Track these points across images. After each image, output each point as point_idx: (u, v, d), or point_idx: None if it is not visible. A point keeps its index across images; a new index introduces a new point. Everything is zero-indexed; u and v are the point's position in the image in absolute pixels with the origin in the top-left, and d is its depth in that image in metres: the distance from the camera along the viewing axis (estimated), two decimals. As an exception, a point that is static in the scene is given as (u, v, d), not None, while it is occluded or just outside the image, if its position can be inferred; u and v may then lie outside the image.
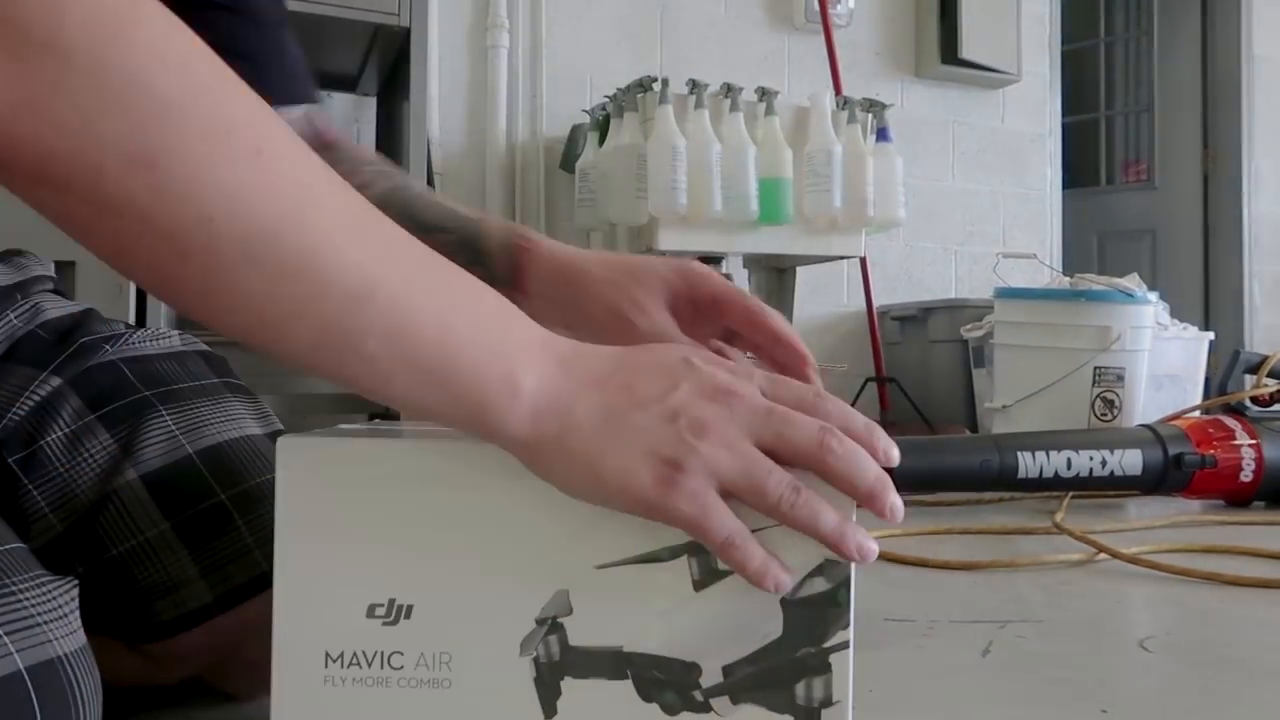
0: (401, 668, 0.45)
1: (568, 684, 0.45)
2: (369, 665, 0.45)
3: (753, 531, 0.44)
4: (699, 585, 0.45)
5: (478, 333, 0.43)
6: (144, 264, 0.39)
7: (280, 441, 0.46)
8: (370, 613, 0.45)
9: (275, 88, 0.69)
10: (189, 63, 0.39)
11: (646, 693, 0.46)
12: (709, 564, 0.45)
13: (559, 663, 0.45)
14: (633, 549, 0.45)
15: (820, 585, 0.45)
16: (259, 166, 0.39)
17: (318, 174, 0.42)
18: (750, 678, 0.46)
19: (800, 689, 0.46)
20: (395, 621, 0.45)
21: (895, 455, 0.46)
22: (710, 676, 0.46)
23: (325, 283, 0.40)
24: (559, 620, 0.45)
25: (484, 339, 0.43)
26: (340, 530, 0.45)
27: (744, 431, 0.43)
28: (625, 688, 0.46)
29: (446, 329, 0.42)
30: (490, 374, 0.42)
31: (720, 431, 0.43)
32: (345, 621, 0.45)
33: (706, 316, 0.62)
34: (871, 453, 0.45)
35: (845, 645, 0.46)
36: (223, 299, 0.40)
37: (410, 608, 0.45)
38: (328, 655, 0.45)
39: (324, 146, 0.73)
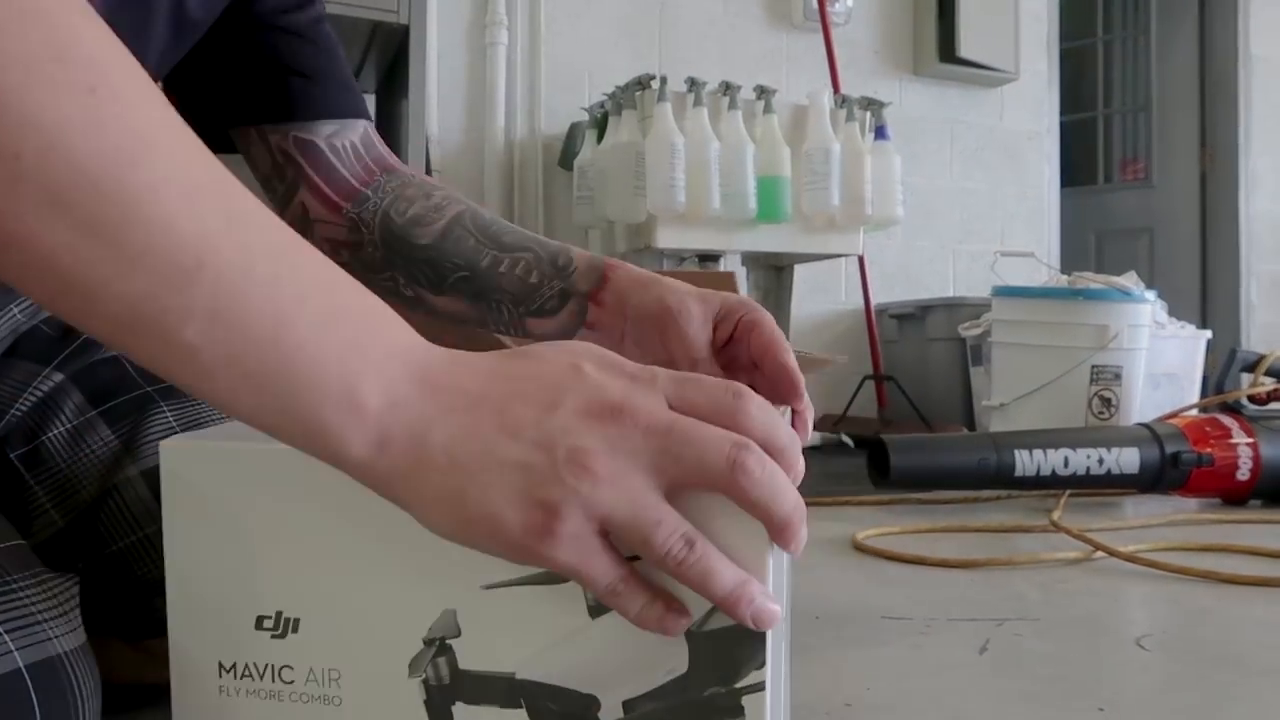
0: (292, 682, 0.44)
1: (459, 709, 0.42)
2: (260, 678, 0.44)
3: None
4: (594, 611, 0.41)
5: (323, 334, 0.36)
6: None
7: (163, 445, 0.44)
8: (259, 624, 0.43)
9: (337, 101, 0.71)
10: None
11: None
12: None
13: (449, 686, 0.42)
14: (522, 569, 0.41)
15: (730, 618, 0.40)
16: (87, 104, 0.33)
17: (162, 127, 0.35)
18: (653, 715, 0.41)
19: None
20: (283, 635, 0.43)
21: (800, 470, 0.41)
22: (610, 712, 0.42)
23: (143, 246, 0.34)
24: (447, 642, 0.42)
25: (328, 342, 0.36)
26: (226, 538, 0.43)
27: (634, 461, 0.37)
28: (520, 717, 0.42)
29: (284, 325, 0.36)
30: (328, 385, 0.36)
31: (604, 464, 0.37)
32: (235, 632, 0.44)
33: (738, 341, 0.61)
34: (788, 471, 0.39)
35: (760, 687, 0.40)
36: (21, 252, 0.33)
37: (297, 621, 0.43)
38: (220, 665, 0.44)
39: (387, 170, 0.73)
